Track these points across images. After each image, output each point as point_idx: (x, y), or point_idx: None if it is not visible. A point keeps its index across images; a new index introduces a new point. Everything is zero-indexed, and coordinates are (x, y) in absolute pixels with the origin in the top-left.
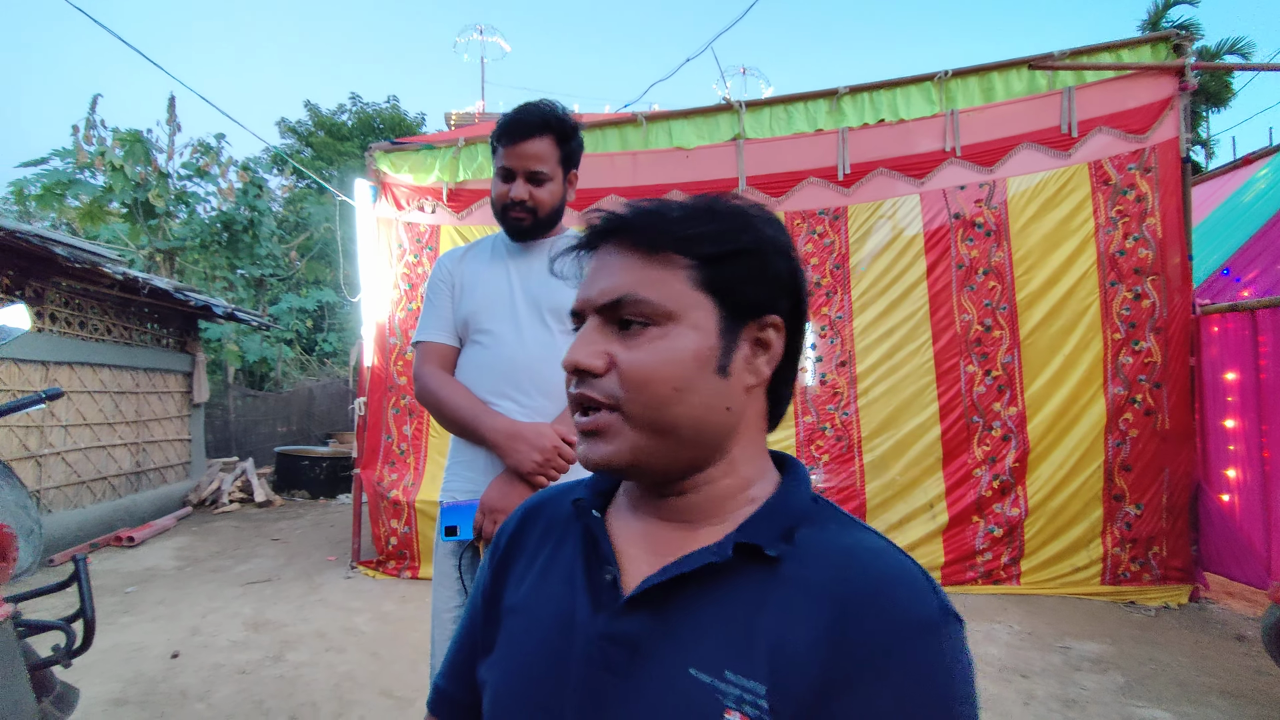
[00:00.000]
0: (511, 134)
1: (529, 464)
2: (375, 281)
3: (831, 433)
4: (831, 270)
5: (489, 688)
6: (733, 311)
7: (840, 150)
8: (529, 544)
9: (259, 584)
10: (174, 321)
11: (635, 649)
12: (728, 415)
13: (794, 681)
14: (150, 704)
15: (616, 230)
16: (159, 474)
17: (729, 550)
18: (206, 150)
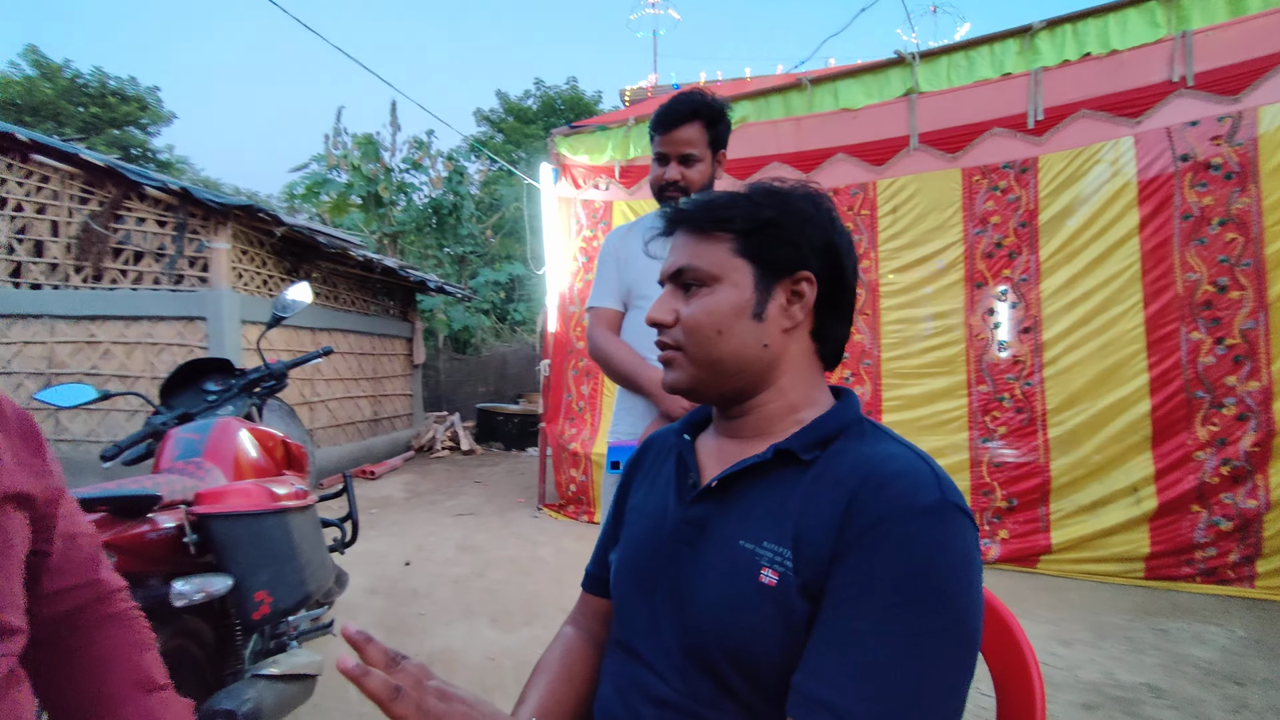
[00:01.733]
0: (665, 123)
1: (678, 409)
2: (557, 255)
3: (1010, 404)
4: (1016, 229)
5: (615, 565)
6: (767, 270)
7: (1032, 94)
8: (646, 464)
9: (465, 516)
10: (398, 295)
11: (703, 527)
12: (766, 351)
13: (810, 549)
14: (392, 596)
15: (680, 220)
16: (390, 422)
17: (769, 454)
18: (420, 145)
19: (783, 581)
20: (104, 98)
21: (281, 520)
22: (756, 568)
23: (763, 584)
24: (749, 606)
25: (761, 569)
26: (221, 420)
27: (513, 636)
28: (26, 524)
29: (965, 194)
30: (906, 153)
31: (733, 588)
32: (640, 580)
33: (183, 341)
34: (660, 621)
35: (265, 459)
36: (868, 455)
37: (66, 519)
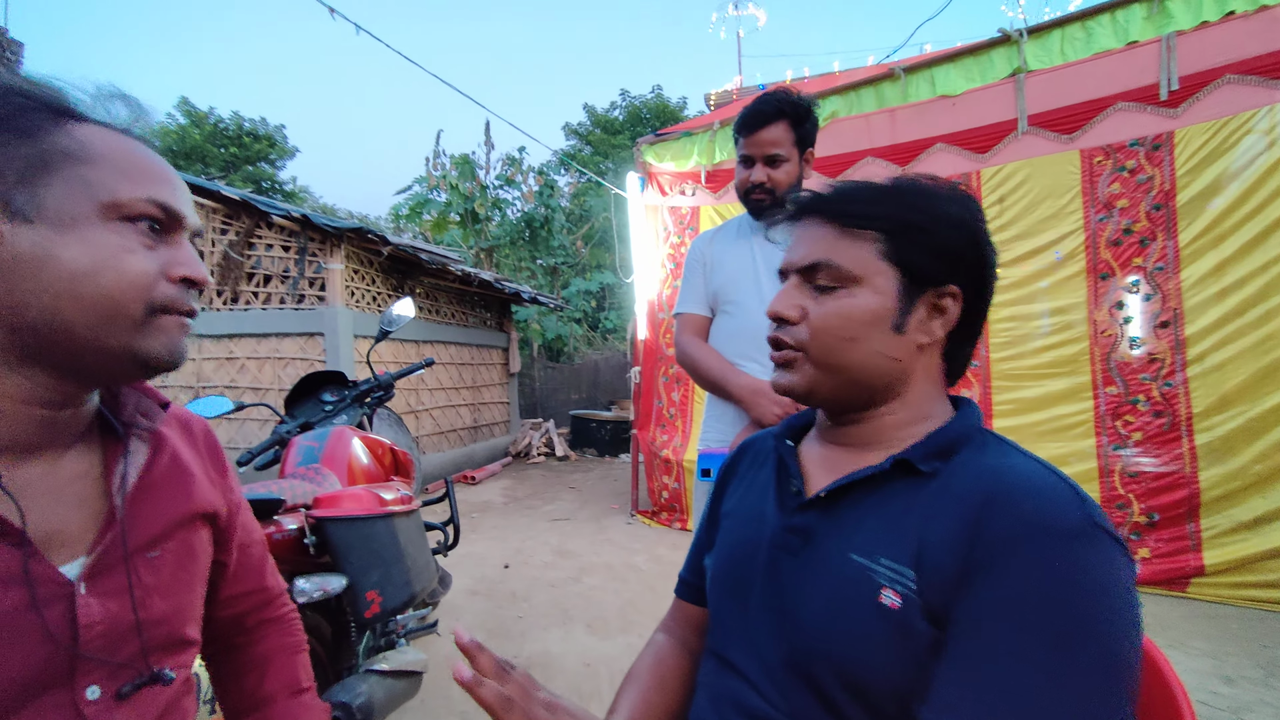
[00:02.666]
0: (749, 124)
1: (770, 416)
2: (645, 263)
3: (1147, 406)
4: (1148, 213)
5: (709, 571)
6: (912, 279)
7: (1164, 62)
8: (741, 469)
9: (561, 521)
10: (494, 307)
11: (808, 537)
12: (895, 365)
13: (935, 571)
14: (492, 598)
15: (816, 207)
16: (489, 429)
17: (888, 464)
18: (512, 162)
19: (906, 604)
20: (240, 138)
21: (389, 524)
22: (874, 586)
23: (883, 605)
24: (863, 626)
25: (881, 589)
26: (336, 429)
27: (608, 644)
28: (210, 538)
29: (1085, 177)
30: (1014, 137)
31: (845, 604)
32: (735, 587)
33: (304, 355)
34: (758, 632)
35: (374, 465)
36: (994, 468)
37: (243, 530)
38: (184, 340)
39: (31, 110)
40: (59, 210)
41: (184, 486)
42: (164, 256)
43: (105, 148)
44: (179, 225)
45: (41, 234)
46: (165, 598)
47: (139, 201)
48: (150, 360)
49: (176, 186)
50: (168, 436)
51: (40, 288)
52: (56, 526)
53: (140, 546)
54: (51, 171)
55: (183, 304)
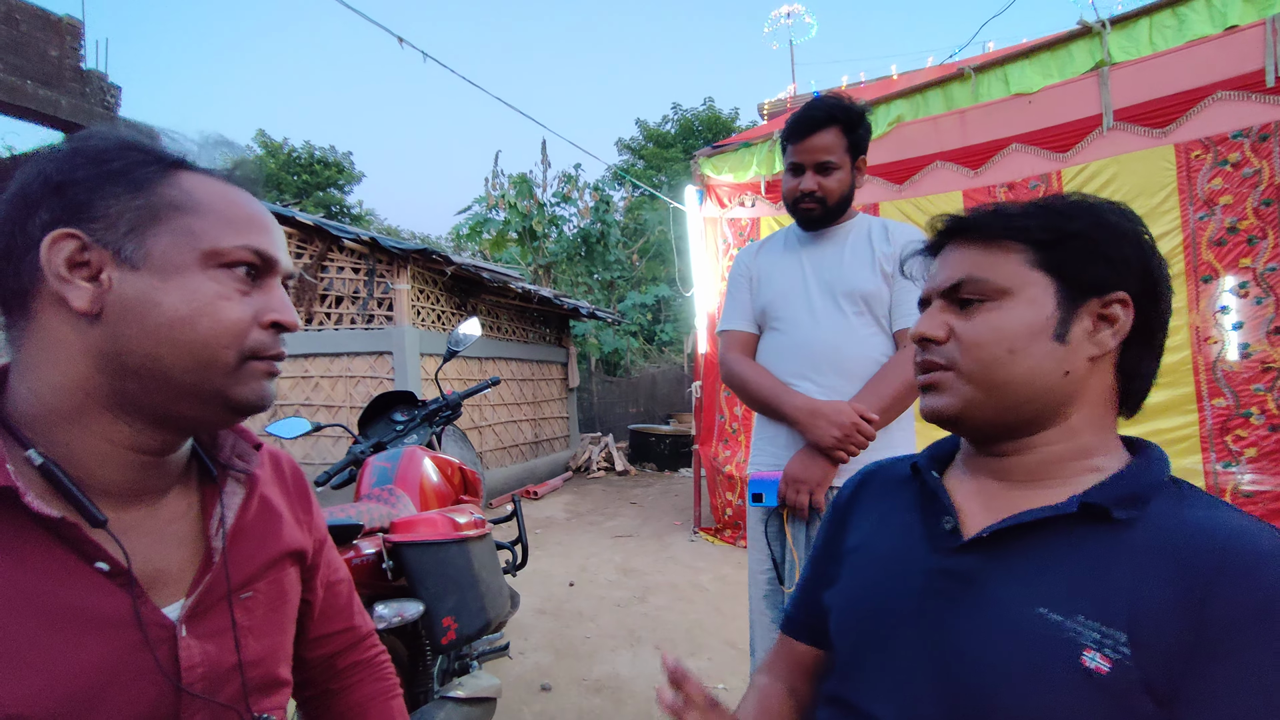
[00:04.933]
0: (798, 130)
1: (829, 439)
2: (705, 276)
3: (1261, 420)
4: (1255, 209)
5: (834, 610)
6: (1073, 287)
7: (1271, 46)
8: (866, 500)
9: (623, 538)
10: (553, 322)
11: (969, 582)
12: (1065, 380)
13: (1154, 638)
14: (560, 616)
15: (957, 230)
16: (549, 444)
17: (1074, 506)
18: (569, 180)
19: (1118, 671)
20: (312, 165)
21: (464, 549)
22: (1075, 646)
23: (1087, 668)
24: (1064, 690)
25: (1084, 649)
26: (408, 449)
27: None
28: (298, 577)
29: (1182, 173)
30: (1099, 134)
31: (1038, 663)
32: (874, 632)
33: (374, 374)
34: (909, 683)
35: (445, 484)
36: (1210, 525)
37: (328, 567)
38: (272, 385)
39: (145, 164)
40: (164, 259)
41: (274, 527)
42: (258, 303)
43: (208, 197)
44: (274, 270)
45: (146, 282)
46: (260, 639)
47: (238, 249)
48: (241, 406)
49: (273, 232)
50: (259, 477)
51: (143, 334)
52: (158, 567)
53: (235, 588)
54: (160, 221)
55: (273, 348)
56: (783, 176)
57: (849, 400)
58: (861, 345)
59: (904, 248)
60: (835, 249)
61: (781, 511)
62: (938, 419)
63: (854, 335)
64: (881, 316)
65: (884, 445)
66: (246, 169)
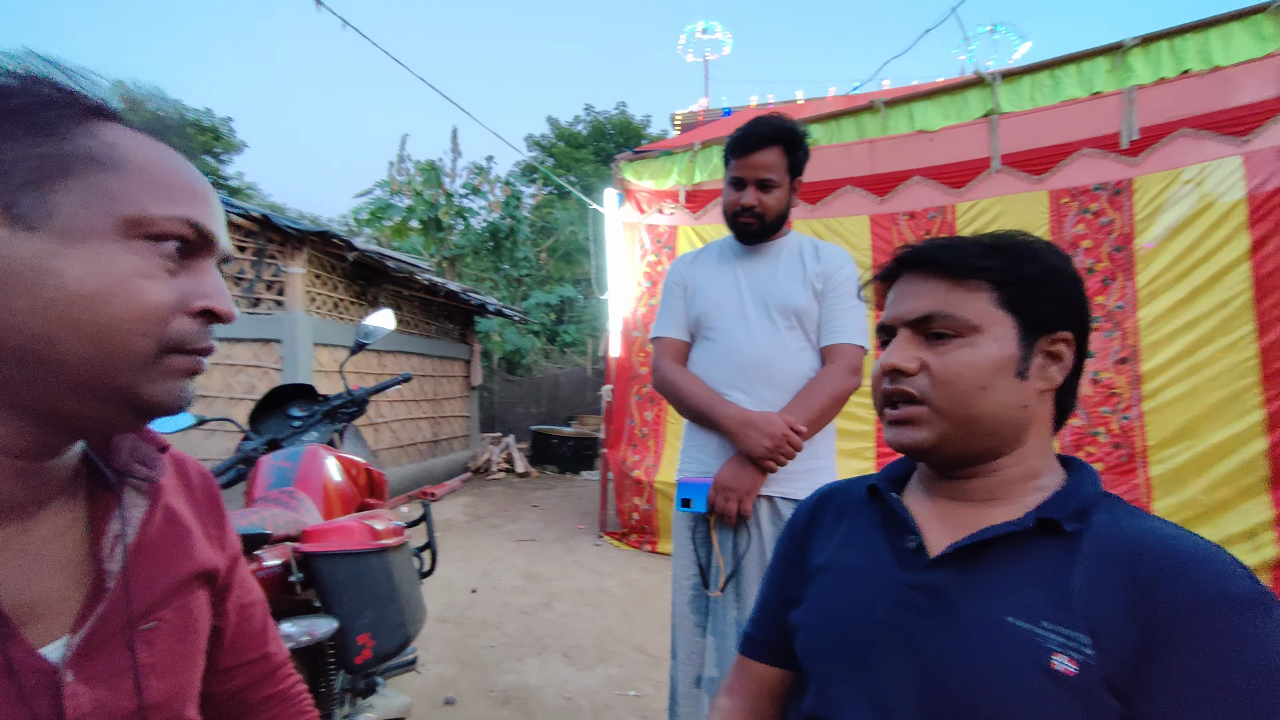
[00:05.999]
0: (743, 146)
1: (760, 449)
2: (620, 280)
3: (1107, 439)
4: (1110, 254)
5: (802, 629)
6: (1029, 327)
7: (1125, 113)
8: (825, 521)
9: (527, 542)
10: (457, 317)
11: (940, 596)
12: (1023, 412)
13: (1110, 638)
14: (462, 625)
15: (920, 262)
16: (448, 444)
17: (1030, 521)
18: (480, 171)
19: (1084, 671)
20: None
21: (384, 560)
22: (1043, 651)
23: (1056, 671)
24: (1036, 693)
25: (1052, 654)
26: (310, 448)
27: (588, 675)
28: (208, 601)
29: (1053, 217)
30: (988, 175)
31: (1010, 669)
32: (849, 649)
33: (259, 363)
34: (888, 697)
35: (350, 487)
36: (1146, 531)
37: (241, 587)
38: (192, 386)
39: (57, 104)
40: (71, 221)
41: (182, 544)
42: (186, 285)
43: (136, 155)
44: (209, 249)
45: (44, 246)
46: (164, 677)
47: (169, 219)
48: (150, 407)
49: (213, 204)
50: (164, 485)
51: (32, 309)
52: (33, 598)
53: (135, 617)
54: (70, 176)
55: (200, 341)
56: (724, 189)
57: (779, 411)
58: (792, 359)
59: (839, 270)
60: (769, 264)
61: (709, 518)
62: (911, 451)
63: (785, 349)
64: (810, 331)
65: (808, 455)
66: (182, 128)
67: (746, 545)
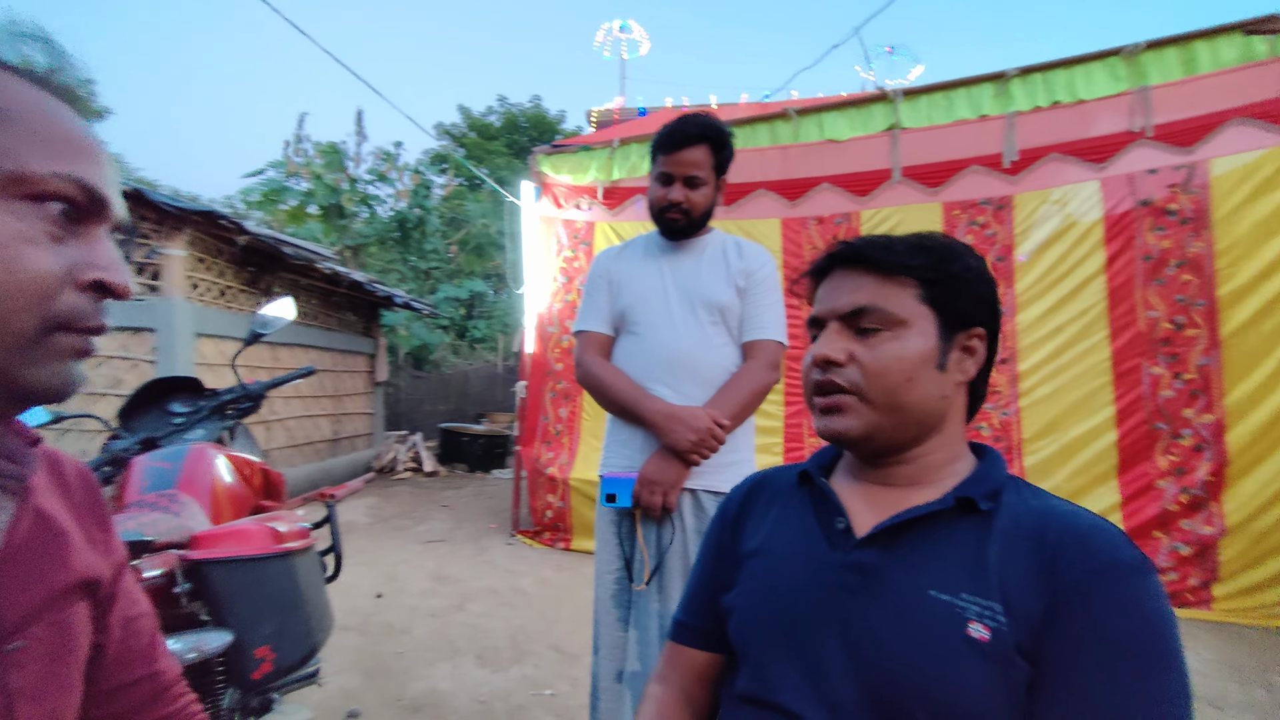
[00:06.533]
0: (671, 143)
1: (685, 443)
2: (536, 275)
3: (989, 433)
4: (994, 263)
5: (736, 612)
6: (948, 322)
7: (1007, 136)
8: (758, 507)
9: (436, 543)
10: (362, 310)
11: (869, 574)
12: (943, 403)
13: (1020, 605)
14: (366, 632)
15: (852, 258)
16: (350, 442)
17: (951, 501)
18: (387, 157)
19: (996, 638)
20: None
21: (287, 565)
22: (960, 620)
23: (972, 638)
24: (956, 661)
25: (968, 622)
26: (196, 447)
27: (503, 677)
28: (89, 615)
29: (946, 227)
30: (889, 185)
31: (933, 639)
32: (785, 629)
33: (128, 354)
34: (824, 674)
35: (244, 488)
36: (1049, 509)
37: (126, 599)
38: (79, 368)
39: None
40: None
41: (57, 551)
42: (75, 254)
43: (17, 103)
44: (102, 214)
45: None
46: (37, 702)
47: (54, 178)
48: (33, 392)
49: (104, 164)
50: (34, 485)
51: None
52: None
53: (2, 636)
54: None
55: (91, 318)
56: (650, 184)
57: (703, 406)
58: (715, 354)
59: (761, 267)
60: (694, 260)
61: (634, 512)
62: (841, 440)
63: (709, 344)
64: (733, 327)
65: (730, 448)
66: (72, 76)
67: (671, 539)
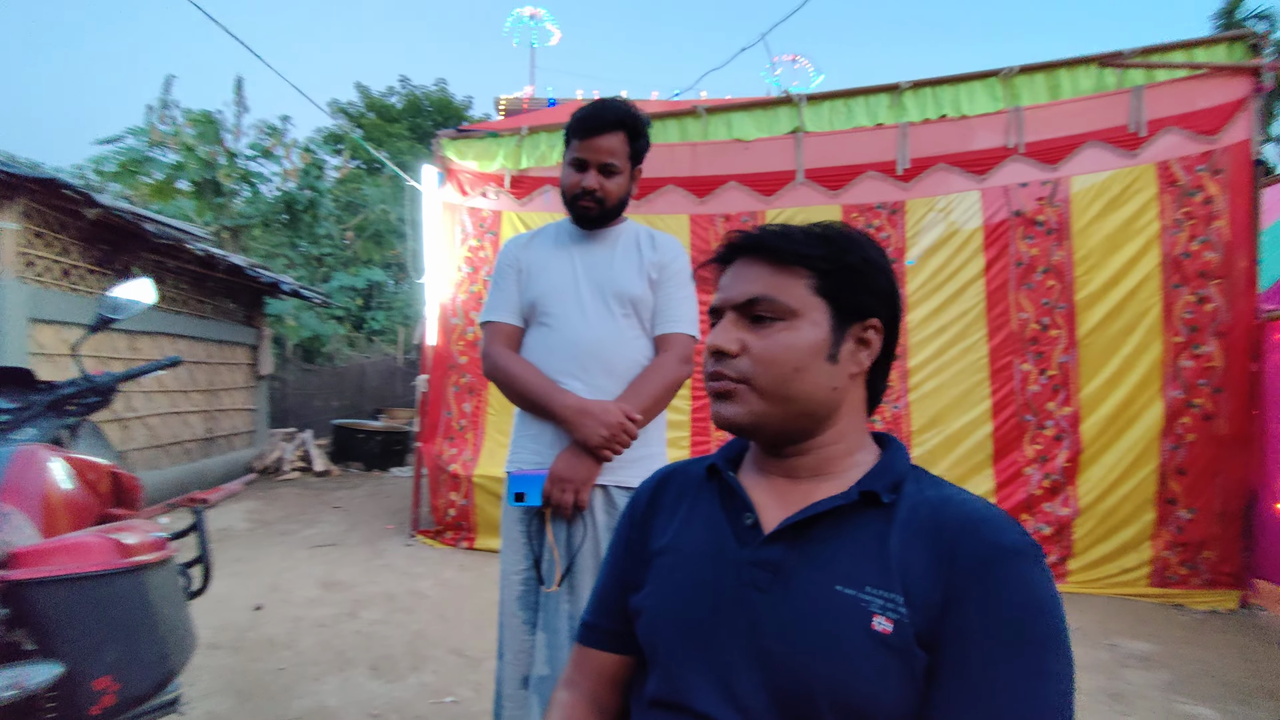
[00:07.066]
0: (588, 128)
1: (596, 438)
2: (439, 264)
3: (882, 425)
4: None
5: (645, 613)
6: (842, 313)
7: (900, 145)
8: (666, 502)
9: (326, 547)
10: (243, 297)
11: (777, 570)
12: (834, 394)
13: (920, 596)
14: (241, 649)
15: (751, 247)
16: (227, 441)
17: (855, 495)
18: (272, 132)
19: (898, 630)
20: None
21: (135, 581)
22: (865, 614)
23: (876, 631)
24: (860, 655)
25: (873, 616)
26: (24, 449)
27: (400, 686)
28: None
29: None
30: (793, 186)
31: (838, 635)
32: (695, 629)
33: None
34: (731, 675)
35: (87, 495)
36: (945, 498)
37: None
38: None
39: None
40: None
41: None
42: None
43: None
44: None
45: None
46: None
47: None
48: None
49: None
50: None
51: None
52: None
53: None
54: None
55: None
56: (562, 169)
57: (615, 400)
58: (627, 346)
59: (674, 260)
60: (606, 250)
61: (544, 510)
62: (730, 426)
63: (621, 336)
64: (645, 320)
65: (641, 443)
66: None
67: (582, 537)
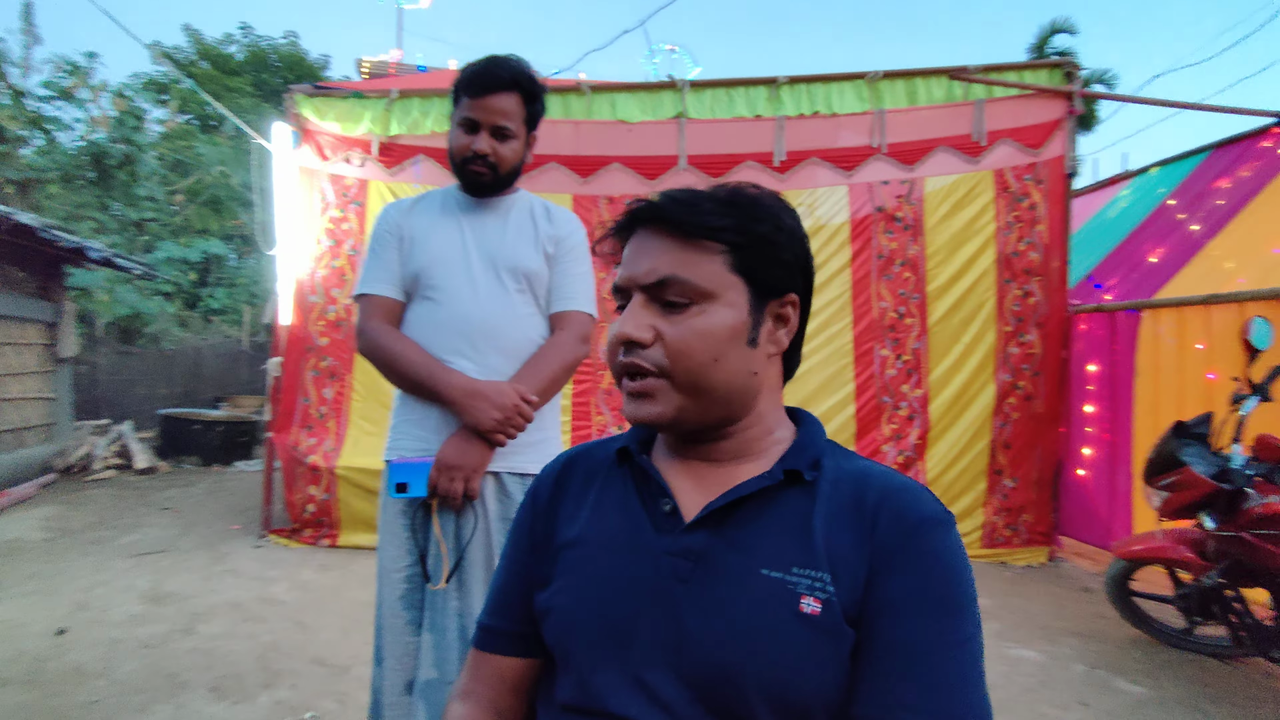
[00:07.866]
0: (480, 86)
1: (489, 421)
2: (294, 235)
3: None
4: None
5: (554, 612)
6: (759, 291)
7: (777, 137)
8: (573, 489)
9: (152, 555)
10: (36, 264)
11: (699, 559)
12: (754, 379)
13: (846, 574)
14: (38, 683)
15: (654, 218)
16: (15, 436)
17: (779, 475)
18: (74, 70)
19: (826, 609)
20: None
21: None
22: (792, 596)
23: (804, 613)
24: (789, 639)
25: (800, 598)
26: None
27: (248, 707)
28: None
29: None
30: (675, 171)
31: (765, 621)
32: (614, 626)
33: None
34: (653, 672)
35: None
36: (864, 472)
37: None
38: None
39: None
40: None
41: None
42: None
43: None
44: None
45: None
46: None
47: None
48: None
49: None
50: None
51: None
52: None
53: None
54: None
55: None
56: (450, 131)
57: (509, 380)
58: (521, 324)
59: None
60: (499, 221)
61: (430, 501)
62: (656, 424)
63: (515, 313)
64: (540, 296)
65: (535, 426)
66: None
67: (473, 529)
